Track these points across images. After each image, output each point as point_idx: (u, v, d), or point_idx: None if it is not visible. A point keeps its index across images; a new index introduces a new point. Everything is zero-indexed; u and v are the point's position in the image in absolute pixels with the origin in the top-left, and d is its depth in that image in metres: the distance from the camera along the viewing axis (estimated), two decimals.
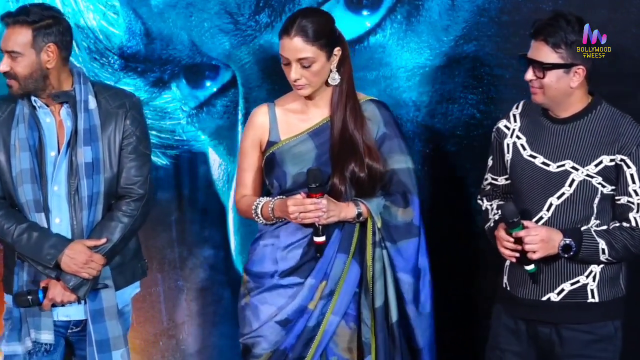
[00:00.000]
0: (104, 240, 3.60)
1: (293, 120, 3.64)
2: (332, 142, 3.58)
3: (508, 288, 3.57)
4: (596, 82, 4.20)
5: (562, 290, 3.46)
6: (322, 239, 3.50)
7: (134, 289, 3.82)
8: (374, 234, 3.57)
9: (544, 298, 3.47)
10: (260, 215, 3.59)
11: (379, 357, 3.58)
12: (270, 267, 3.60)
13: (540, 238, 3.37)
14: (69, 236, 3.62)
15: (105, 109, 3.64)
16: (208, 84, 4.46)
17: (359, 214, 3.56)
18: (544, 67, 3.39)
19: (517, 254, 3.41)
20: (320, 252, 3.53)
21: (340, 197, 3.54)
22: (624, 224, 3.41)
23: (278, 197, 3.57)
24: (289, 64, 3.50)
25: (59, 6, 4.35)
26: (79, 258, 3.57)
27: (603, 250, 3.38)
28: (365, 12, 4.36)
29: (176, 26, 4.39)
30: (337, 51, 3.55)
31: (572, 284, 3.45)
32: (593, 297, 3.46)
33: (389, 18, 4.35)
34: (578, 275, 3.45)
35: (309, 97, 3.60)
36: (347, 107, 3.60)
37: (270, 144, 3.62)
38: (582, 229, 3.41)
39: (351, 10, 4.37)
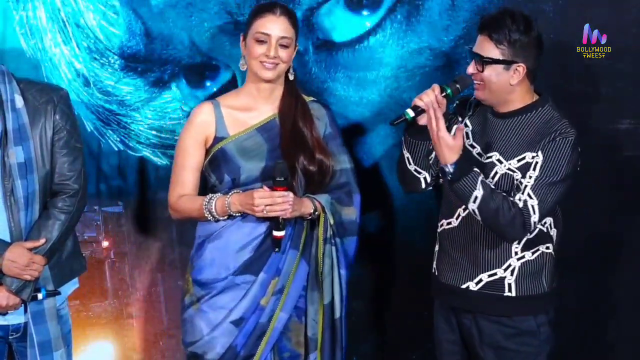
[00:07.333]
0: (43, 241, 3.53)
1: (240, 117, 3.65)
2: (282, 137, 3.60)
3: (436, 273, 3.64)
4: (596, 82, 4.21)
5: (480, 280, 3.51)
6: (282, 233, 3.51)
7: (72, 285, 3.75)
8: (325, 230, 3.60)
9: (464, 286, 3.53)
10: (214, 211, 3.55)
11: (324, 353, 3.60)
12: (222, 272, 3.58)
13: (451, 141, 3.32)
14: (8, 238, 3.53)
15: (33, 105, 3.54)
16: (208, 84, 4.46)
17: (315, 210, 3.58)
18: (483, 61, 3.42)
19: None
20: (278, 246, 3.53)
21: (293, 192, 3.53)
22: (509, 197, 3.38)
23: (234, 191, 3.56)
24: (265, 41, 3.54)
25: (58, 6, 4.36)
26: (20, 261, 3.50)
27: (476, 197, 3.33)
28: (365, 12, 4.36)
29: (176, 26, 4.39)
30: (296, 48, 3.63)
31: (489, 276, 3.50)
32: (510, 291, 3.49)
33: (389, 18, 4.34)
34: (496, 268, 3.49)
35: (258, 93, 3.63)
36: (298, 103, 3.65)
37: (217, 139, 3.62)
38: (476, 170, 3.35)
39: (351, 10, 4.36)
